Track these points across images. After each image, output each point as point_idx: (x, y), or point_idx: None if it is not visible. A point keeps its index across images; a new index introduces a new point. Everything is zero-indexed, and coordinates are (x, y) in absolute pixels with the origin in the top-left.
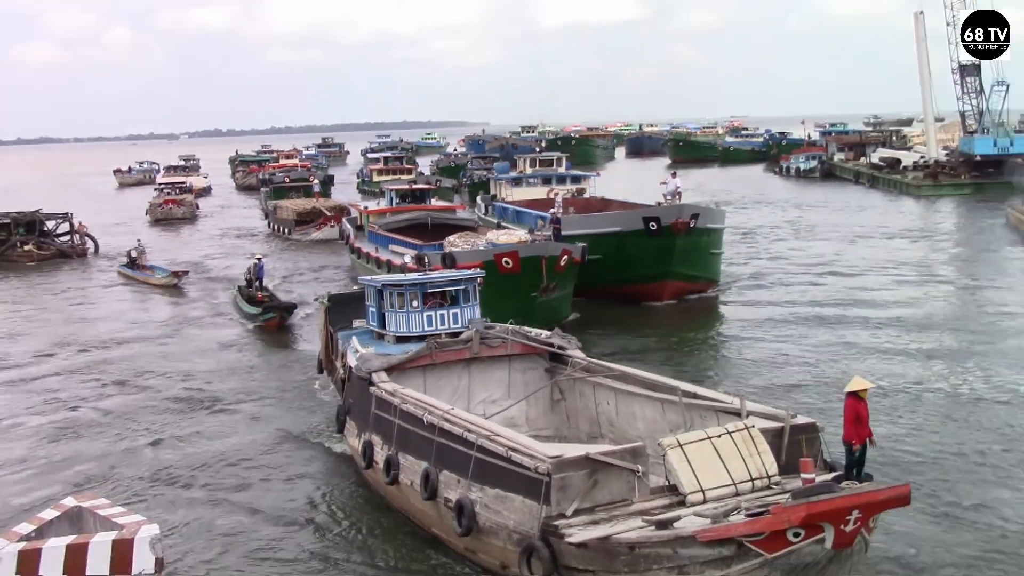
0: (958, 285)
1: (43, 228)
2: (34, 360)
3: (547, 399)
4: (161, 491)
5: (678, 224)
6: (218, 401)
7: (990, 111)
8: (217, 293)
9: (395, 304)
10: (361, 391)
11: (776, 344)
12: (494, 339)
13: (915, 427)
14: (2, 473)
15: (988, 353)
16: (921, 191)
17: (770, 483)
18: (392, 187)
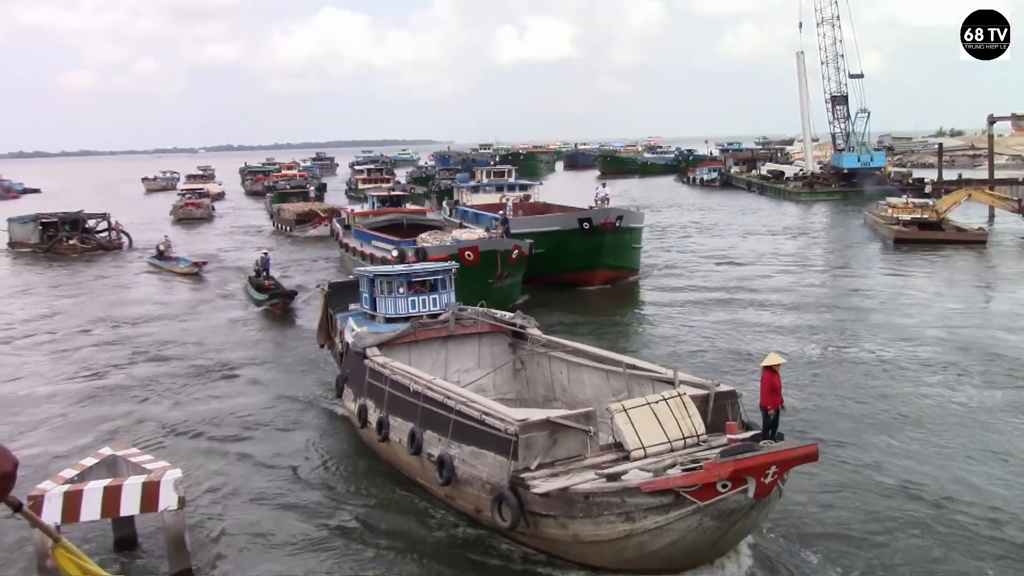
0: (827, 271)
1: (85, 226)
2: (75, 334)
3: (510, 369)
4: (183, 442)
5: (606, 224)
6: (231, 369)
7: (855, 133)
8: (231, 280)
9: (384, 291)
10: (357, 363)
11: (683, 319)
12: (467, 320)
13: (804, 391)
14: (49, 427)
15: (852, 325)
16: (800, 197)
17: (699, 441)
18: (374, 193)
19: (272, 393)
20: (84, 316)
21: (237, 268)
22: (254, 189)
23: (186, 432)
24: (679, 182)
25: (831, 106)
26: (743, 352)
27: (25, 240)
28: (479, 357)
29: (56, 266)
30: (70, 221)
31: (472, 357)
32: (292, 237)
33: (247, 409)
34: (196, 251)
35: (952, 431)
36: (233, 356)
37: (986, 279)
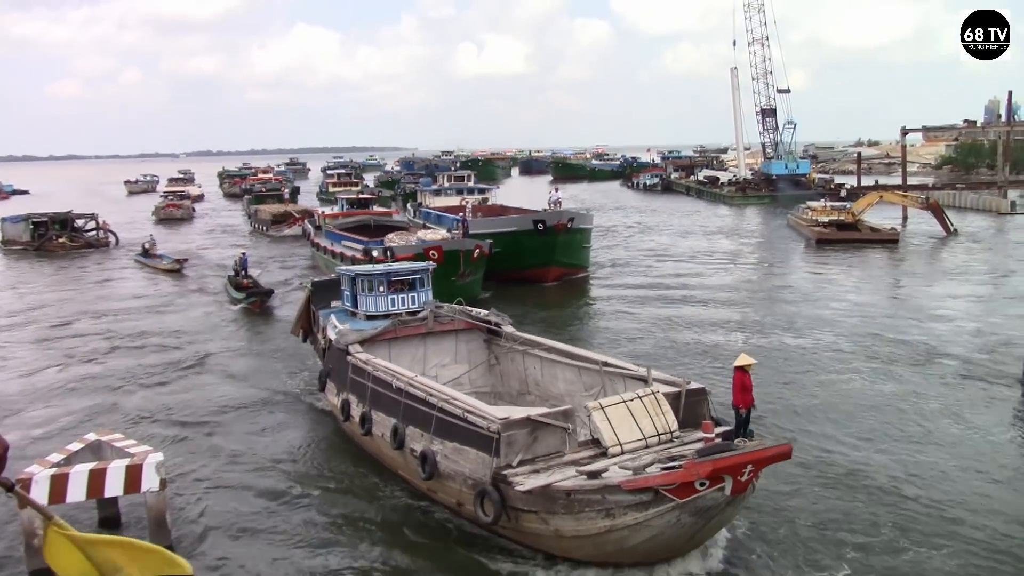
0: (757, 268)
1: (74, 225)
2: (62, 326)
3: (485, 364)
4: (165, 429)
5: (559, 225)
6: (211, 363)
7: (783, 143)
8: (210, 277)
9: (366, 289)
10: (339, 359)
11: (628, 311)
12: (444, 317)
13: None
14: (36, 413)
15: (780, 318)
16: (733, 201)
17: (672, 437)
18: (343, 196)
19: (252, 386)
20: (71, 309)
21: (217, 264)
22: (231, 192)
23: (168, 420)
24: (624, 187)
25: (761, 118)
26: (681, 341)
27: (16, 238)
28: (456, 353)
29: (46, 263)
30: (60, 221)
31: (449, 353)
32: (268, 236)
33: (228, 400)
34: (178, 249)
35: (885, 415)
36: (213, 350)
37: (895, 275)
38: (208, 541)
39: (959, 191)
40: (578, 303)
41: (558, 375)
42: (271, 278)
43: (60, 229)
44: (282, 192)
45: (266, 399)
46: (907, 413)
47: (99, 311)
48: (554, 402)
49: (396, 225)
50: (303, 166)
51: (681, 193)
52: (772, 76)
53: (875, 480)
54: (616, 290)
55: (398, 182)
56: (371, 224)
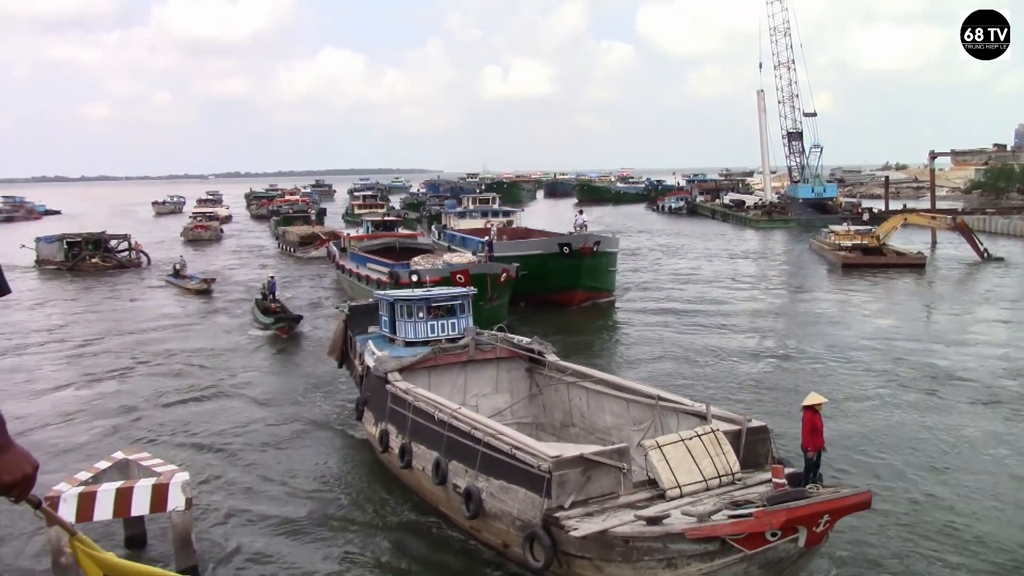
0: (784, 292)
1: (107, 245)
2: (91, 344)
3: (526, 393)
4: (193, 451)
5: (585, 248)
6: (239, 386)
7: (809, 166)
8: (238, 297)
9: (405, 315)
10: (378, 387)
11: (654, 336)
12: (486, 345)
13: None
14: (64, 430)
15: (807, 342)
16: (759, 224)
17: (734, 479)
18: (369, 218)
19: (282, 411)
20: (101, 328)
21: (244, 285)
22: (259, 213)
23: (196, 441)
24: (649, 210)
25: (787, 141)
26: (711, 369)
27: (51, 258)
28: (497, 382)
29: (78, 282)
30: (93, 241)
31: (490, 382)
32: (295, 258)
33: (257, 424)
34: (206, 270)
35: (931, 447)
36: (241, 374)
37: (924, 300)
38: (233, 564)
39: (989, 216)
40: (604, 328)
41: (605, 407)
42: (298, 302)
43: (93, 249)
44: (309, 214)
45: (298, 425)
46: (955, 445)
47: (128, 330)
48: (600, 435)
49: (421, 247)
50: (329, 187)
51: (707, 216)
52: (798, 99)
53: (945, 520)
54: (642, 315)
55: (423, 204)
56: (396, 246)
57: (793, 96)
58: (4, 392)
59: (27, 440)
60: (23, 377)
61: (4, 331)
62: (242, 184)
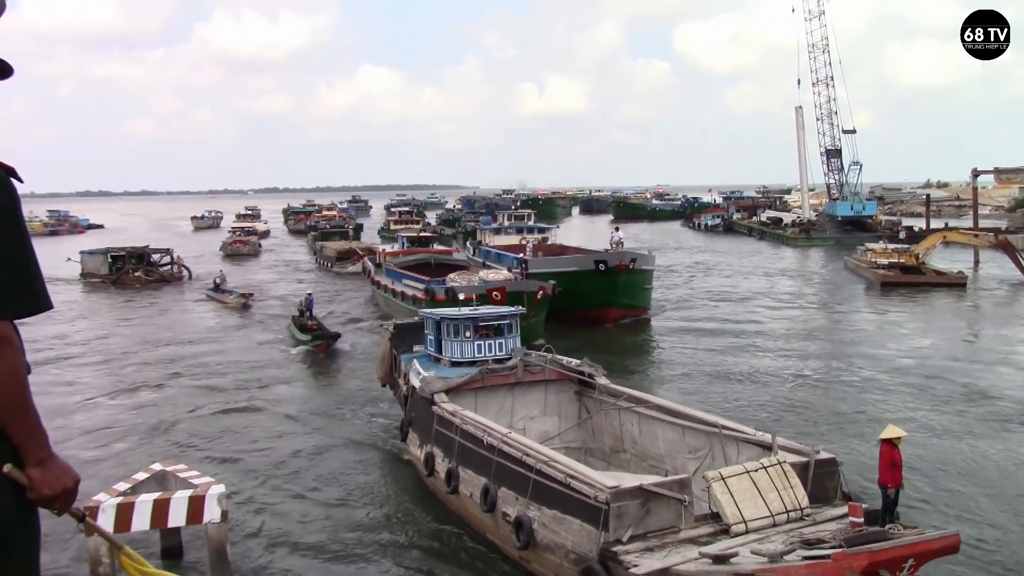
0: (822, 311)
1: (150, 259)
2: (130, 356)
3: (575, 416)
4: (229, 466)
5: (621, 266)
6: (277, 403)
7: (848, 184)
8: (275, 313)
9: (451, 334)
10: (424, 408)
11: (691, 355)
12: (534, 366)
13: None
14: (105, 442)
15: (849, 358)
16: (797, 242)
17: (803, 515)
18: (404, 234)
19: (321, 429)
20: (140, 341)
21: (282, 300)
22: (296, 228)
23: (234, 455)
24: (685, 227)
25: (826, 158)
26: (752, 392)
27: (96, 271)
28: (545, 404)
29: (121, 295)
30: (137, 255)
31: (538, 404)
32: (333, 272)
33: (294, 440)
34: (244, 284)
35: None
36: (278, 389)
37: (968, 319)
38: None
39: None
40: (639, 346)
41: (658, 434)
42: (335, 319)
43: (137, 263)
44: (347, 229)
45: (336, 443)
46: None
47: (167, 344)
48: (652, 463)
49: (457, 264)
50: (365, 203)
51: (743, 234)
52: (837, 116)
53: None
54: (678, 333)
55: (459, 220)
56: (432, 263)
57: (832, 113)
58: (46, 404)
59: (67, 451)
60: (64, 389)
61: (47, 343)
62: (280, 199)
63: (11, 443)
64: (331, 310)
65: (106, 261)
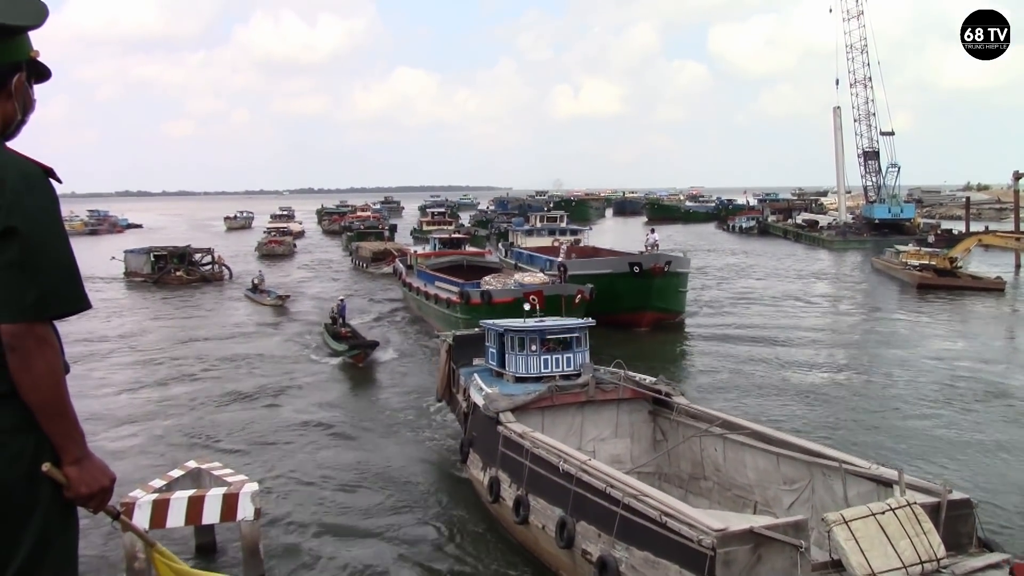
0: (860, 314)
1: (191, 259)
2: (169, 356)
3: (650, 439)
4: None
5: (655, 268)
6: (314, 409)
7: (886, 186)
8: (311, 315)
9: (516, 347)
10: (487, 428)
11: (727, 359)
12: (607, 384)
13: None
14: (143, 438)
15: (898, 364)
16: (833, 245)
17: (939, 566)
18: (436, 235)
19: (365, 443)
20: (179, 341)
21: (317, 300)
22: (331, 228)
23: (268, 457)
24: (719, 229)
25: (863, 160)
26: (801, 400)
27: (138, 270)
28: (616, 425)
29: (162, 294)
30: (179, 254)
31: (609, 425)
32: (368, 273)
33: (334, 450)
34: (279, 284)
35: None
36: (314, 398)
37: (1007, 323)
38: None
39: None
40: (674, 351)
41: (746, 461)
42: (372, 325)
43: (178, 263)
44: (382, 229)
45: (385, 460)
46: None
47: (204, 344)
48: (738, 493)
49: (489, 266)
50: (397, 204)
51: (778, 237)
52: (875, 118)
53: None
54: (714, 339)
55: (491, 221)
56: (464, 264)
57: (870, 115)
58: (83, 403)
59: (104, 448)
60: (103, 387)
61: (87, 340)
62: (315, 200)
63: (50, 442)
64: (367, 314)
65: (149, 260)
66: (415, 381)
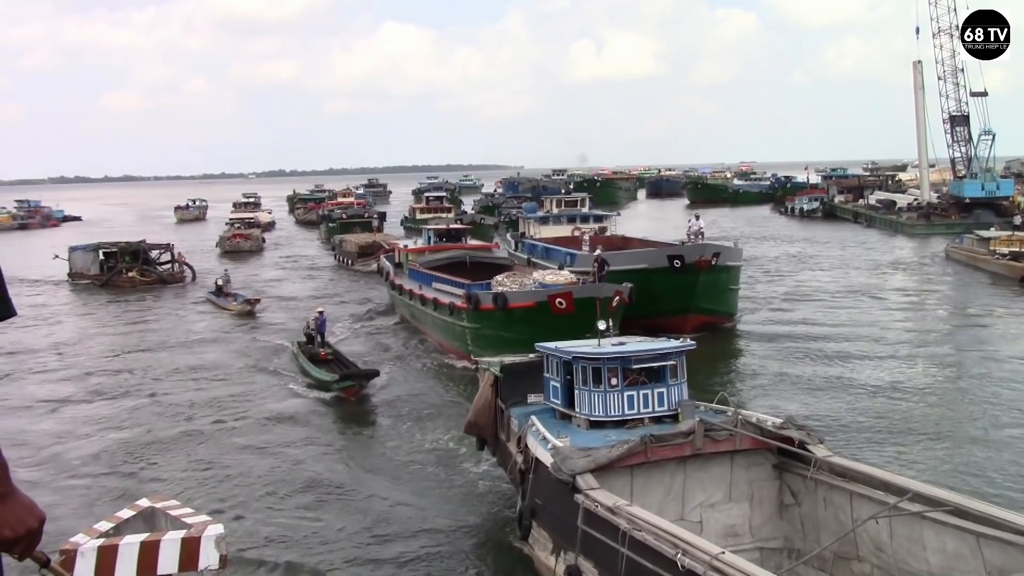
0: (951, 315)
1: (147, 257)
2: (115, 378)
3: (774, 502)
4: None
5: (701, 262)
6: (311, 459)
7: (978, 158)
8: (287, 322)
9: (589, 380)
10: (560, 496)
11: (791, 373)
12: (719, 431)
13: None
14: (84, 474)
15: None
16: (915, 230)
17: None
18: (430, 227)
19: (377, 501)
20: (126, 360)
21: (291, 299)
22: (306, 218)
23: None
24: (775, 212)
25: (949, 127)
26: (896, 429)
27: (85, 271)
28: (730, 485)
29: (111, 299)
30: (131, 251)
31: (720, 484)
32: (354, 271)
33: (344, 517)
34: (249, 285)
35: None
36: (297, 431)
37: None
38: None
39: None
40: (727, 366)
41: (927, 539)
42: (360, 342)
43: (131, 261)
44: (371, 219)
45: (405, 527)
46: None
47: (157, 363)
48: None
49: (497, 262)
50: (384, 188)
51: (847, 220)
52: (964, 75)
53: None
54: (775, 350)
55: (498, 207)
56: (467, 261)
57: (957, 71)
58: (11, 427)
59: (40, 484)
60: (36, 411)
61: (14, 353)
62: (287, 184)
63: None
64: (352, 322)
65: (97, 259)
66: (420, 409)
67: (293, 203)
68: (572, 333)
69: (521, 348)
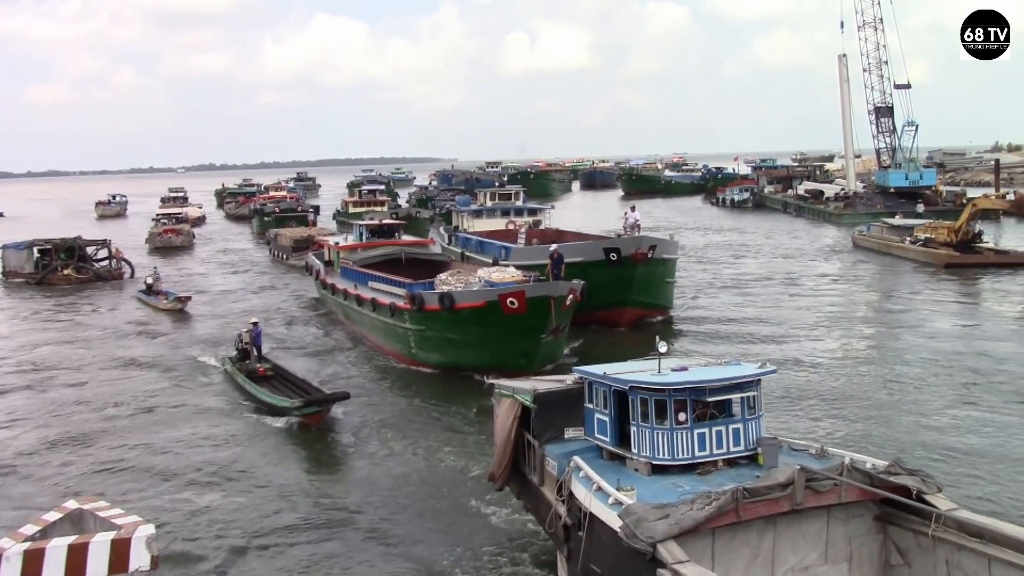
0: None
1: (83, 253)
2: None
3: (876, 563)
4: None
5: (637, 255)
6: (286, 502)
7: (902, 148)
8: (219, 319)
9: (651, 415)
10: (634, 568)
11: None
12: (824, 482)
13: None
14: (9, 476)
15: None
16: (842, 219)
17: None
18: (361, 223)
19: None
20: (53, 360)
21: (224, 292)
22: (237, 213)
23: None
24: (707, 203)
25: (875, 118)
26: (809, 398)
27: (19, 269)
28: (827, 544)
29: (44, 298)
30: (66, 248)
31: (816, 544)
32: (289, 266)
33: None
34: (180, 283)
35: None
36: (248, 458)
37: None
38: None
39: None
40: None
41: None
42: (303, 351)
43: (66, 258)
44: (304, 213)
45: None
46: None
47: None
48: None
49: (434, 259)
50: (312, 181)
51: (777, 210)
52: (888, 67)
53: None
54: (712, 341)
55: (431, 200)
56: (402, 258)
57: (881, 63)
58: None
59: None
60: None
61: None
62: (216, 178)
63: None
64: (290, 326)
65: (31, 256)
66: (396, 441)
67: (222, 197)
68: (523, 335)
69: (469, 351)
